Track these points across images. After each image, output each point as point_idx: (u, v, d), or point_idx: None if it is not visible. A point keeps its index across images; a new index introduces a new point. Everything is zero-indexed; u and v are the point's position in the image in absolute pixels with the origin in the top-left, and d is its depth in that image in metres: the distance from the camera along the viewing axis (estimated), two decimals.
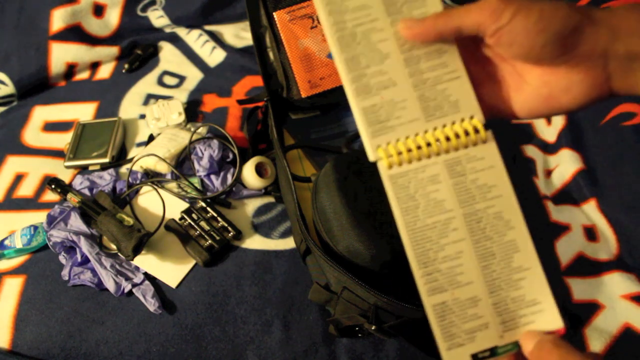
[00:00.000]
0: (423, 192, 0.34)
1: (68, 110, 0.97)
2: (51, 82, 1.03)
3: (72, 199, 0.76)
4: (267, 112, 0.84)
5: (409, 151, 0.34)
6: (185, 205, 0.77)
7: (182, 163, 0.83)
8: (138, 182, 0.80)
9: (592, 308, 0.67)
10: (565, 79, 0.33)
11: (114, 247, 0.70)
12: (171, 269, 0.71)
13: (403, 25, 0.34)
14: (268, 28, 0.80)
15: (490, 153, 0.35)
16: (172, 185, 0.80)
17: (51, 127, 0.94)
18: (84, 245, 0.70)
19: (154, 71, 1.04)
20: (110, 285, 0.68)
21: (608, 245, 0.73)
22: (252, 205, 0.79)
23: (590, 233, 0.75)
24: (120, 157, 0.88)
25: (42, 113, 0.97)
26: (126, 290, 0.68)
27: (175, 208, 0.77)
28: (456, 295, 0.34)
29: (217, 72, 1.03)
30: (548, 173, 0.83)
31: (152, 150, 0.81)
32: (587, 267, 0.71)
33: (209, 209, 0.76)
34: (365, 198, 0.60)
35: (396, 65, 0.34)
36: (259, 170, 0.79)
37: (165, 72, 1.04)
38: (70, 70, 1.03)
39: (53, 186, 0.79)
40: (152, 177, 0.81)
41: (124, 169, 0.84)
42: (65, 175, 0.84)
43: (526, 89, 0.35)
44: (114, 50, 1.06)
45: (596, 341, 0.63)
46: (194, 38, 1.10)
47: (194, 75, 1.03)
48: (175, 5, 1.12)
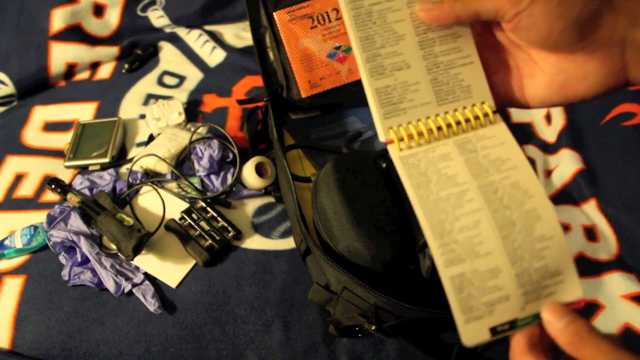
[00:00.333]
0: (434, 169, 0.33)
1: (68, 110, 0.97)
2: (51, 82, 1.03)
3: (72, 199, 0.76)
4: (267, 112, 0.84)
5: (419, 135, 0.34)
6: (185, 205, 0.77)
7: (182, 163, 0.83)
8: (138, 182, 0.80)
9: (592, 308, 0.67)
10: (581, 67, 0.32)
11: (114, 247, 0.70)
12: (171, 269, 0.71)
13: (420, 7, 0.33)
14: (268, 28, 0.80)
15: (500, 131, 0.34)
16: (172, 185, 0.80)
17: (51, 127, 0.94)
18: (84, 245, 0.70)
19: (154, 71, 1.04)
20: (110, 285, 0.68)
21: (608, 245, 0.73)
22: (252, 205, 0.79)
23: (590, 233, 0.75)
24: (120, 157, 0.88)
25: (42, 113, 0.97)
26: (126, 290, 0.68)
27: (175, 208, 0.77)
28: (475, 267, 0.31)
29: (217, 72, 1.03)
30: (548, 173, 0.83)
31: (152, 150, 0.81)
32: (587, 267, 0.71)
33: (209, 209, 0.76)
34: (365, 198, 0.60)
35: (411, 47, 0.34)
36: (259, 170, 0.79)
37: (165, 72, 1.04)
38: (70, 70, 1.03)
39: (53, 186, 0.79)
40: (152, 177, 0.81)
41: (124, 169, 0.84)
42: (65, 175, 0.84)
43: (541, 76, 0.34)
44: (114, 50, 1.06)
45: None
46: (194, 38, 1.10)
47: (194, 75, 1.03)
48: (175, 5, 1.12)
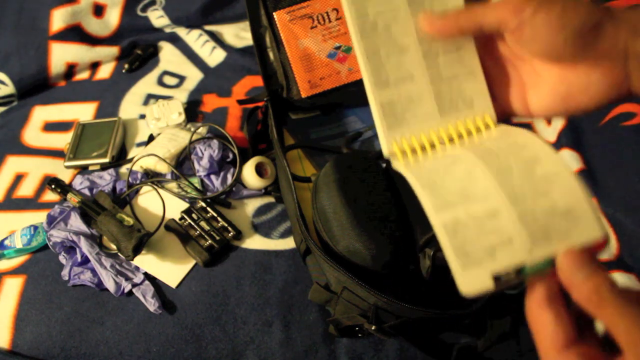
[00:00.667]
0: (435, 161, 0.34)
1: (68, 110, 0.97)
2: (51, 82, 1.03)
3: (72, 199, 0.76)
4: (267, 112, 0.84)
5: (422, 149, 0.34)
6: (185, 205, 0.77)
7: (182, 163, 0.83)
8: (138, 182, 0.80)
9: None
10: (584, 77, 0.32)
11: (114, 247, 0.70)
12: (171, 269, 0.71)
13: (424, 19, 0.33)
14: (268, 28, 0.80)
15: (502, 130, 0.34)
16: (172, 185, 0.80)
17: (51, 127, 0.94)
18: (84, 245, 0.70)
19: (154, 71, 1.04)
20: (110, 285, 0.68)
21: (608, 245, 0.73)
22: (252, 205, 0.79)
23: None
24: (120, 157, 0.88)
25: (42, 113, 0.97)
26: (126, 290, 0.68)
27: (175, 208, 0.77)
28: (470, 211, 0.29)
29: (217, 72, 1.03)
30: None
31: (152, 150, 0.81)
32: None
33: (209, 209, 0.76)
34: (365, 198, 0.60)
35: (415, 58, 0.34)
36: (259, 170, 0.79)
37: (165, 72, 1.04)
38: (70, 70, 1.03)
39: (53, 186, 0.79)
40: (152, 177, 0.81)
41: (124, 169, 0.84)
42: (65, 175, 0.84)
43: (543, 87, 0.34)
44: (114, 50, 1.06)
45: None
46: (194, 38, 1.10)
47: (194, 75, 1.03)
48: (175, 5, 1.12)
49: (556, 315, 0.28)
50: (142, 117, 0.94)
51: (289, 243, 0.74)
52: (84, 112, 0.96)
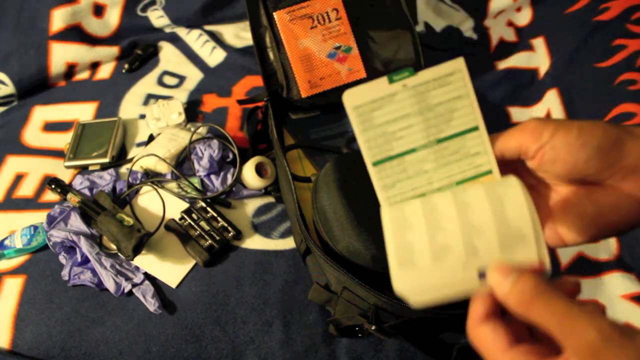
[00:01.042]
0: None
1: (68, 110, 0.97)
2: (51, 82, 1.03)
3: (72, 199, 0.76)
4: (267, 112, 0.84)
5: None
6: (185, 205, 0.77)
7: (182, 163, 0.83)
8: (138, 182, 0.80)
9: None
10: (613, 196, 0.32)
11: (114, 247, 0.70)
12: (171, 269, 0.71)
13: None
14: (268, 28, 0.80)
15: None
16: (172, 185, 0.80)
17: (51, 127, 0.94)
18: (84, 245, 0.70)
19: (154, 71, 1.04)
20: (110, 285, 0.68)
21: (608, 245, 0.73)
22: (252, 205, 0.79)
23: None
24: (120, 157, 0.88)
25: (42, 113, 0.97)
26: (126, 290, 0.68)
27: (175, 208, 0.77)
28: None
29: (217, 72, 1.03)
30: None
31: (152, 150, 0.81)
32: (587, 267, 0.71)
33: (209, 209, 0.76)
34: (365, 198, 0.60)
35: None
36: (259, 170, 0.79)
37: (165, 72, 1.04)
38: (70, 70, 1.03)
39: (53, 186, 0.79)
40: (152, 177, 0.81)
41: (124, 169, 0.84)
42: (65, 175, 0.84)
43: (573, 210, 0.33)
44: (114, 50, 1.06)
45: None
46: (194, 38, 1.10)
47: (194, 75, 1.03)
48: (175, 5, 1.12)
49: (493, 327, 0.29)
50: (142, 117, 0.94)
51: (289, 243, 0.74)
52: (84, 112, 0.96)
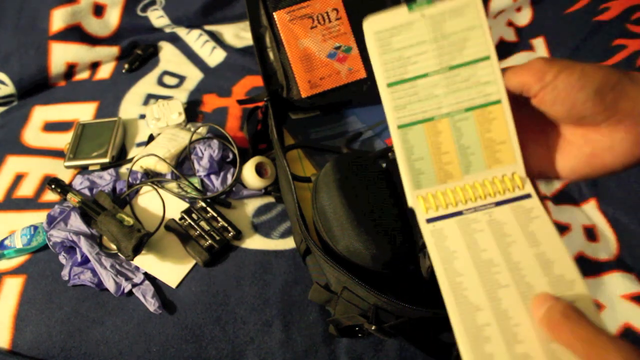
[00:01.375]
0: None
1: (68, 110, 0.97)
2: (51, 82, 1.03)
3: (72, 199, 0.76)
4: (267, 112, 0.84)
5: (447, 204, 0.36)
6: (185, 205, 0.77)
7: (182, 163, 0.83)
8: (138, 182, 0.80)
9: None
10: (608, 137, 0.33)
11: (114, 247, 0.70)
12: (171, 269, 0.71)
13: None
14: (268, 28, 0.80)
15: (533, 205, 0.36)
16: (172, 185, 0.80)
17: (51, 127, 0.94)
18: (84, 245, 0.70)
19: (154, 71, 1.04)
20: (110, 285, 0.68)
21: (608, 245, 0.73)
22: (252, 205, 0.79)
23: (590, 233, 0.75)
24: (120, 157, 0.88)
25: (42, 113, 0.97)
26: (126, 290, 0.68)
27: (175, 208, 0.77)
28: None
29: (217, 72, 1.03)
30: None
31: (152, 150, 0.81)
32: (587, 267, 0.71)
33: (209, 209, 0.76)
34: (365, 198, 0.60)
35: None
36: (259, 170, 0.79)
37: (165, 72, 1.04)
38: (70, 70, 1.03)
39: (53, 186, 0.79)
40: (152, 177, 0.81)
41: (124, 169, 0.84)
42: (65, 175, 0.84)
43: (569, 149, 0.35)
44: (114, 50, 1.06)
45: None
46: (194, 38, 1.10)
47: (194, 75, 1.03)
48: (175, 5, 1.12)
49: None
50: (142, 117, 0.94)
51: (289, 243, 0.74)
52: (84, 112, 0.96)
